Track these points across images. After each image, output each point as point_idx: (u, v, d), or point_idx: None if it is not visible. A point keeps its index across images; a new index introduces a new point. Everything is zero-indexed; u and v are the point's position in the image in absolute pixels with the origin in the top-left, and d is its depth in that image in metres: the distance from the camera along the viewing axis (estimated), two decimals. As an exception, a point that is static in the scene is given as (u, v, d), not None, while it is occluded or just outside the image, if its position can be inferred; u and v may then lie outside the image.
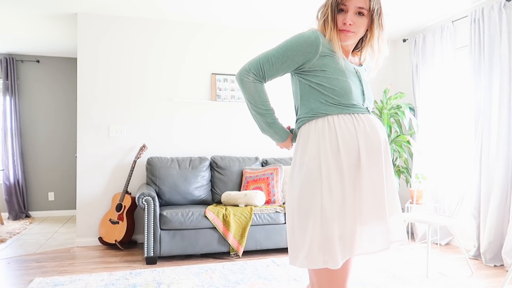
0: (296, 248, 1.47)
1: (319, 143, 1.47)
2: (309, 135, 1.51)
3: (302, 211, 1.45)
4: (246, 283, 3.04)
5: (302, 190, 1.46)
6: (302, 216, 1.46)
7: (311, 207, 1.44)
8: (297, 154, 1.54)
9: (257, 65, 1.55)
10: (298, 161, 1.52)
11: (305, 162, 1.48)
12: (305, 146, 1.51)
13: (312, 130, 1.50)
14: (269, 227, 3.82)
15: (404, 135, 4.51)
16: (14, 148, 5.75)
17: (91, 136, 4.24)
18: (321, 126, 1.48)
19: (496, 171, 3.56)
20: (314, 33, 1.50)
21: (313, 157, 1.46)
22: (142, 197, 3.56)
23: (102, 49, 4.29)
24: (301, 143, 1.53)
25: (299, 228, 1.46)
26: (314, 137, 1.49)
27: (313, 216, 1.43)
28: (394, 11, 4.21)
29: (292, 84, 1.64)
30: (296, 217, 1.47)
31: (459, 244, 3.38)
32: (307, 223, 1.44)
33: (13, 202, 5.71)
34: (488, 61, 3.68)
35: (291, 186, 1.53)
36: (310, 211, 1.44)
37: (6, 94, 5.75)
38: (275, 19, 4.45)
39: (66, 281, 3.07)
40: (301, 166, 1.50)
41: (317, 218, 1.42)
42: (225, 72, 4.64)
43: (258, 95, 1.55)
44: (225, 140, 4.64)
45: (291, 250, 1.50)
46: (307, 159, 1.48)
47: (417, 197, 4.23)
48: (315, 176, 1.45)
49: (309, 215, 1.44)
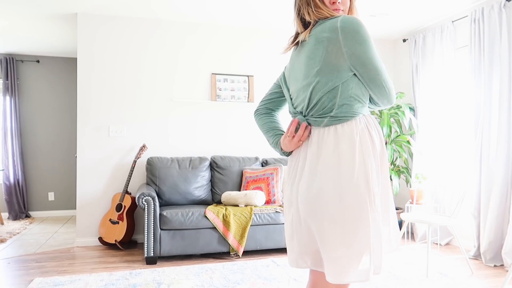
0: (347, 262, 1.35)
1: (362, 145, 1.38)
2: (357, 134, 1.39)
3: (351, 220, 1.35)
4: (246, 283, 3.04)
5: (351, 197, 1.35)
6: (351, 225, 1.35)
7: (361, 215, 1.35)
8: (344, 155, 1.38)
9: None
10: (345, 164, 1.37)
11: (355, 166, 1.37)
12: (352, 147, 1.38)
13: (358, 130, 1.39)
14: (269, 227, 3.82)
15: (404, 135, 4.51)
16: (14, 148, 5.75)
17: (91, 136, 4.24)
18: (362, 127, 1.40)
19: (496, 171, 3.56)
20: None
21: (361, 159, 1.37)
22: (142, 197, 3.56)
23: (102, 49, 4.29)
24: (348, 143, 1.39)
25: (350, 239, 1.35)
26: (360, 137, 1.39)
27: (365, 225, 1.35)
28: (394, 11, 4.21)
29: (326, 73, 1.41)
30: (345, 228, 1.35)
31: (459, 244, 3.38)
32: (359, 232, 1.35)
33: (13, 202, 5.71)
34: (488, 61, 3.68)
35: (331, 192, 1.37)
36: (361, 219, 1.35)
37: (6, 94, 5.75)
38: (276, 19, 4.45)
39: (66, 281, 3.07)
40: (351, 170, 1.37)
41: (368, 227, 1.35)
42: (225, 72, 4.64)
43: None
44: (225, 140, 4.64)
45: (339, 265, 1.35)
46: (358, 162, 1.37)
47: (417, 197, 4.23)
48: (364, 181, 1.36)
49: (361, 224, 1.35)
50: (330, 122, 1.40)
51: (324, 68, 1.39)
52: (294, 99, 1.54)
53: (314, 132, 1.45)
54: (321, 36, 1.41)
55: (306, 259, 1.48)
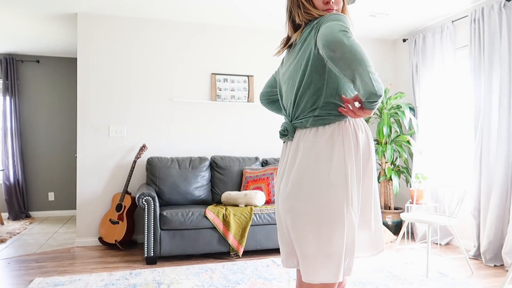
0: (319, 262, 1.34)
1: (345, 146, 1.37)
2: (339, 135, 1.38)
3: (326, 219, 1.34)
4: (246, 283, 3.04)
5: (326, 195, 1.34)
6: (326, 225, 1.34)
7: (336, 215, 1.33)
8: (321, 154, 1.37)
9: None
10: (322, 162, 1.37)
11: (333, 165, 1.35)
12: (331, 146, 1.37)
13: (340, 131, 1.38)
14: (269, 227, 3.82)
15: (404, 135, 4.51)
16: (14, 148, 5.75)
17: (91, 136, 4.24)
18: (346, 128, 1.39)
19: (496, 171, 3.56)
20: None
21: (341, 160, 1.36)
22: (142, 197, 3.56)
23: (102, 49, 4.29)
24: (327, 142, 1.38)
25: (323, 238, 1.34)
26: (342, 138, 1.38)
27: (340, 225, 1.33)
28: (394, 11, 4.21)
29: (310, 73, 1.40)
30: (319, 227, 1.34)
31: (459, 244, 3.38)
32: (333, 232, 1.33)
33: (13, 202, 5.71)
34: (488, 61, 3.68)
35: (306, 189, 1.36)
36: (336, 220, 1.33)
37: (6, 94, 5.75)
38: (276, 19, 4.45)
39: (66, 281, 3.07)
40: (327, 169, 1.36)
41: (342, 228, 1.33)
42: (225, 72, 4.64)
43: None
44: (225, 140, 4.64)
45: (310, 264, 1.35)
46: (336, 162, 1.36)
47: (417, 197, 4.23)
48: (342, 182, 1.35)
49: (335, 224, 1.33)
50: (314, 122, 1.40)
51: (308, 69, 1.40)
52: (284, 100, 1.56)
53: (296, 134, 1.46)
54: (307, 36, 1.43)
55: (292, 258, 1.49)
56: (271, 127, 4.79)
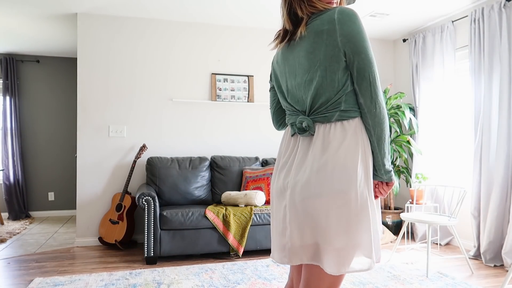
0: (350, 253, 1.37)
1: (364, 139, 1.42)
2: (362, 129, 1.42)
3: (355, 212, 1.37)
4: (246, 283, 3.04)
5: (355, 189, 1.38)
6: (354, 217, 1.37)
7: (363, 208, 1.38)
8: (350, 149, 1.40)
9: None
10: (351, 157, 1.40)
11: (359, 159, 1.40)
12: (356, 140, 1.40)
13: (361, 125, 1.42)
14: (269, 227, 3.82)
15: (404, 135, 4.51)
16: (14, 148, 5.75)
17: (91, 136, 4.24)
18: (362, 122, 1.43)
19: (496, 171, 3.56)
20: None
21: (364, 153, 1.42)
22: (142, 197, 3.56)
23: (102, 49, 4.29)
24: (352, 136, 1.41)
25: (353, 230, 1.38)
26: (362, 132, 1.42)
27: (366, 217, 1.39)
28: (394, 11, 4.21)
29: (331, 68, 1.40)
30: (350, 220, 1.37)
31: (459, 244, 3.38)
32: (362, 224, 1.38)
33: (13, 202, 5.71)
34: (488, 61, 3.68)
35: (337, 185, 1.38)
36: (363, 212, 1.38)
37: (6, 94, 5.75)
38: (276, 19, 4.45)
39: (66, 281, 3.07)
40: (356, 163, 1.39)
41: (368, 219, 1.39)
42: (225, 72, 4.64)
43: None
44: (225, 140, 4.64)
45: (342, 257, 1.37)
46: (361, 155, 1.40)
47: (417, 197, 4.23)
48: (366, 174, 1.41)
49: (363, 217, 1.38)
50: (340, 117, 1.40)
51: (327, 62, 1.39)
52: (291, 94, 1.53)
53: (320, 129, 1.43)
54: (320, 29, 1.40)
55: (301, 254, 1.45)
56: (271, 127, 4.79)
